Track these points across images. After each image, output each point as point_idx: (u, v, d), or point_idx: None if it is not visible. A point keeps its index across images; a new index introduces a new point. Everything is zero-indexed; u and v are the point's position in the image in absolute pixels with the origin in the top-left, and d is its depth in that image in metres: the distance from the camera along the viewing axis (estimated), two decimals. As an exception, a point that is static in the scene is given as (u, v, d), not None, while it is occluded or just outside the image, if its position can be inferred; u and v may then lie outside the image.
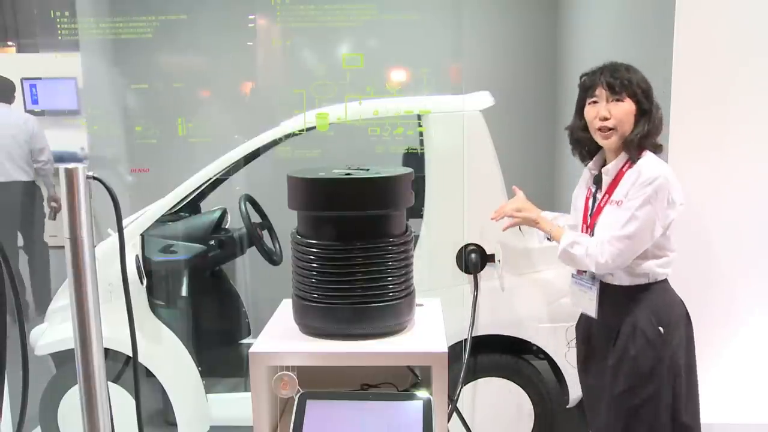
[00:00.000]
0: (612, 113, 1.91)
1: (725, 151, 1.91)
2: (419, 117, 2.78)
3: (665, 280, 1.98)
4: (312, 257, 1.48)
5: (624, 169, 1.94)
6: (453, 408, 2.39)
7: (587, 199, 2.10)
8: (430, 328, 1.57)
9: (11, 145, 4.44)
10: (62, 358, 2.87)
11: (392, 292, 1.50)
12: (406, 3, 3.48)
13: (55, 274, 4.98)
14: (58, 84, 5.19)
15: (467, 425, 2.45)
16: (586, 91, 1.99)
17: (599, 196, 2.03)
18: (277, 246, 3.11)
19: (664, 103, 1.91)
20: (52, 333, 2.84)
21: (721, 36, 1.86)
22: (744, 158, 1.90)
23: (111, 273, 2.66)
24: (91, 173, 1.28)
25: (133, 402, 1.53)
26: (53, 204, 4.60)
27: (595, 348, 2.11)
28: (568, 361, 2.56)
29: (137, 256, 2.82)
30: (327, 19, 3.32)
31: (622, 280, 1.98)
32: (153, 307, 2.88)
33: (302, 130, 2.85)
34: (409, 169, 1.60)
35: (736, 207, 1.93)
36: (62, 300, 2.96)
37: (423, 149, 2.74)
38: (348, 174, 1.49)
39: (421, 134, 2.77)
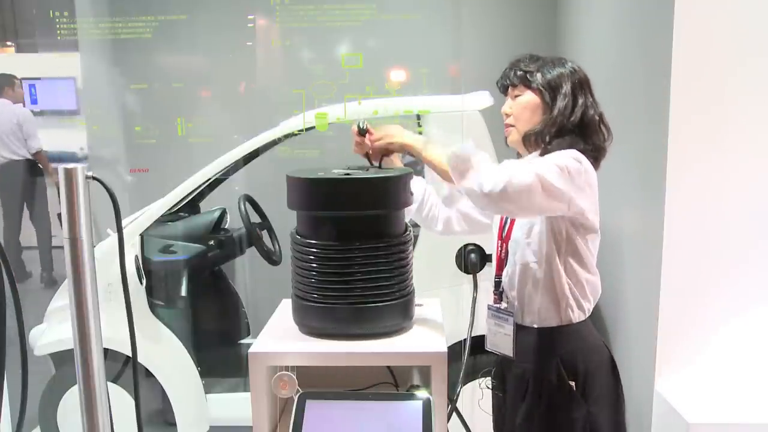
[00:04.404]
0: (512, 108, 1.74)
1: (725, 151, 1.91)
2: (418, 117, 2.78)
3: (583, 323, 1.72)
4: (311, 257, 1.48)
5: None
6: (453, 408, 2.39)
7: None
8: (429, 328, 1.57)
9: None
10: (61, 359, 2.87)
11: (391, 292, 1.50)
12: (406, 3, 3.48)
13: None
14: (57, 84, 5.20)
15: (467, 425, 2.45)
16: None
17: None
18: (277, 246, 3.11)
19: (664, 103, 1.91)
20: (52, 333, 2.84)
21: (720, 36, 1.86)
22: (744, 158, 1.90)
23: (110, 273, 2.66)
24: (90, 173, 1.28)
25: (133, 402, 1.53)
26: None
27: (507, 400, 1.83)
28: (481, 407, 2.16)
29: (137, 256, 2.82)
30: (326, 18, 3.32)
31: (533, 319, 1.72)
32: (152, 307, 2.88)
33: (301, 130, 2.85)
34: (409, 169, 1.60)
35: (737, 207, 1.93)
36: (61, 300, 2.96)
37: (422, 149, 2.74)
38: (347, 174, 1.49)
39: (420, 134, 2.77)
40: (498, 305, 1.81)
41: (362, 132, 1.74)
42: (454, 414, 2.42)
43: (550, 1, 3.44)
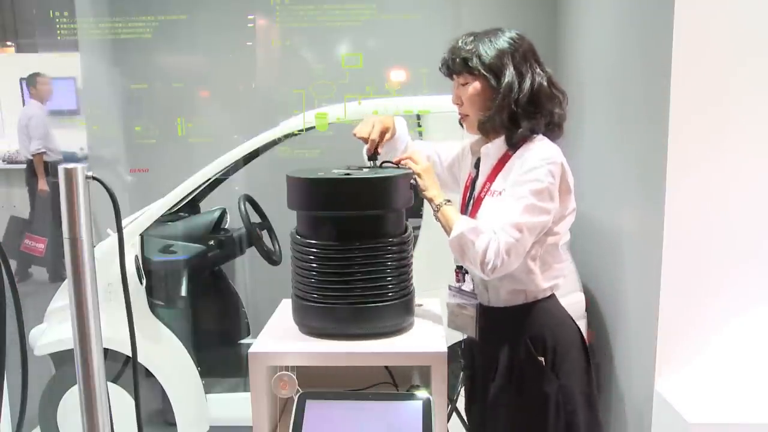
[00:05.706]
0: (462, 97, 1.69)
1: (725, 151, 1.91)
2: (418, 117, 2.77)
3: (550, 298, 1.69)
4: (311, 257, 1.48)
5: (510, 154, 1.64)
6: (453, 408, 2.39)
7: (466, 188, 1.77)
8: (429, 328, 1.58)
9: None
10: (61, 358, 2.87)
11: (391, 292, 1.50)
12: (406, 3, 3.49)
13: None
14: (57, 84, 5.20)
15: (467, 425, 2.44)
16: None
17: (479, 184, 1.71)
18: (277, 246, 3.11)
19: (664, 103, 1.91)
20: (52, 333, 2.84)
21: (720, 36, 1.86)
22: (744, 158, 1.90)
23: (110, 273, 2.66)
24: (90, 173, 1.28)
25: (133, 402, 1.53)
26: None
27: (477, 382, 1.79)
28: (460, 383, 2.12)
29: (137, 256, 2.82)
30: (326, 18, 3.33)
31: (498, 300, 1.69)
32: (152, 307, 2.88)
33: (301, 130, 2.85)
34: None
35: (737, 207, 1.93)
36: (61, 300, 2.96)
37: (422, 149, 2.74)
38: (347, 174, 1.49)
39: (420, 134, 2.77)
40: (460, 285, 1.76)
41: (373, 157, 1.72)
42: (454, 414, 2.42)
43: (550, 1, 3.45)
